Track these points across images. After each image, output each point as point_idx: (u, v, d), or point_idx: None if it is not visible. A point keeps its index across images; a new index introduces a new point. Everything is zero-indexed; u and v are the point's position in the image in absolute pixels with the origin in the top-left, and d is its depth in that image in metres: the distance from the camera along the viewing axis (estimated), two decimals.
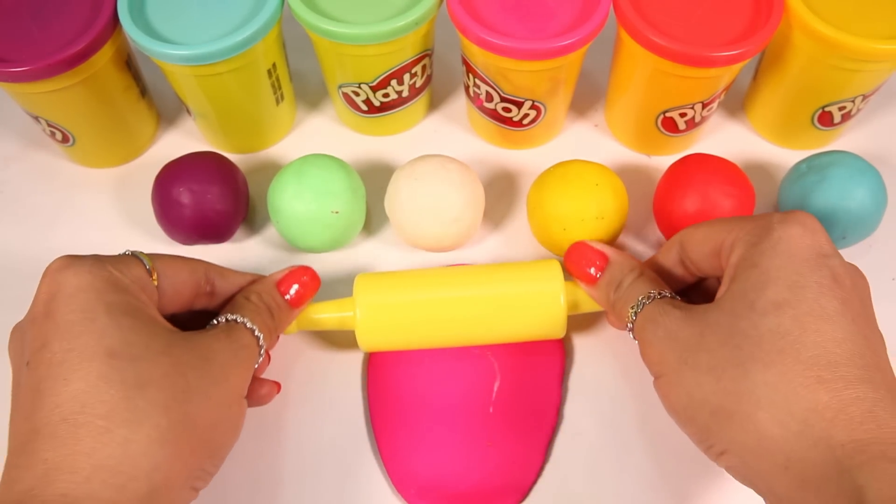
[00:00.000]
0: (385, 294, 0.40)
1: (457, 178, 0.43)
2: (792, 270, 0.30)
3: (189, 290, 0.36)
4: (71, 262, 0.32)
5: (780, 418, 0.28)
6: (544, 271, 0.40)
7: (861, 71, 0.43)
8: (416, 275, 0.42)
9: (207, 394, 0.31)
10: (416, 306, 0.40)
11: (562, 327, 0.40)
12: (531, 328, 0.40)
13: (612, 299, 0.37)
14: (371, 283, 0.41)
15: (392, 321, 0.40)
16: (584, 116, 0.53)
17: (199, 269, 0.37)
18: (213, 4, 0.44)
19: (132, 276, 0.33)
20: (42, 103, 0.44)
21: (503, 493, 0.39)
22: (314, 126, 0.53)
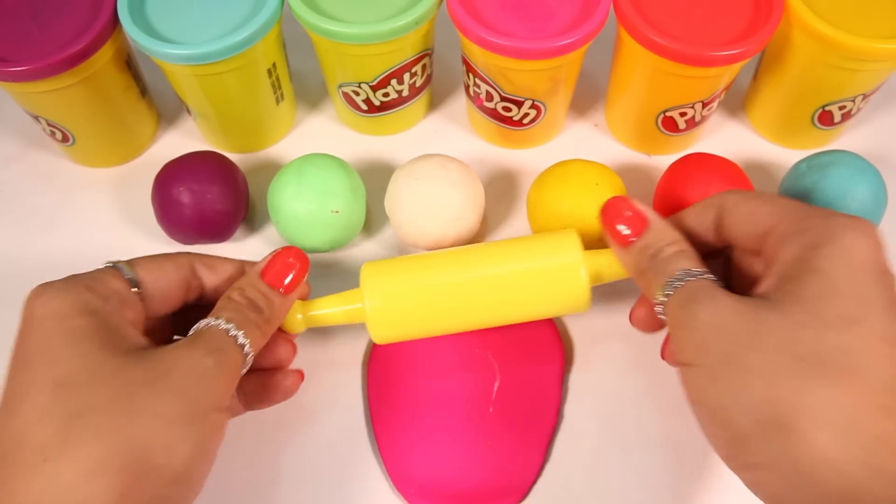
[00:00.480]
0: (395, 281, 0.38)
1: (457, 177, 0.43)
2: (859, 285, 0.28)
3: (177, 288, 0.35)
4: (42, 291, 0.31)
5: (842, 443, 0.26)
6: (562, 244, 0.38)
7: (861, 70, 0.43)
8: (425, 258, 0.39)
9: (158, 412, 0.28)
10: (428, 291, 0.38)
11: (585, 302, 0.38)
12: (552, 305, 0.38)
13: (644, 267, 0.34)
14: (379, 271, 0.38)
15: (405, 309, 0.38)
16: (584, 116, 0.53)
17: (184, 264, 0.35)
18: (213, 4, 0.44)
19: (108, 291, 0.32)
20: (42, 103, 0.44)
21: (503, 493, 0.39)
22: (314, 126, 0.53)
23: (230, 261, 0.37)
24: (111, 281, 0.32)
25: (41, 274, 0.47)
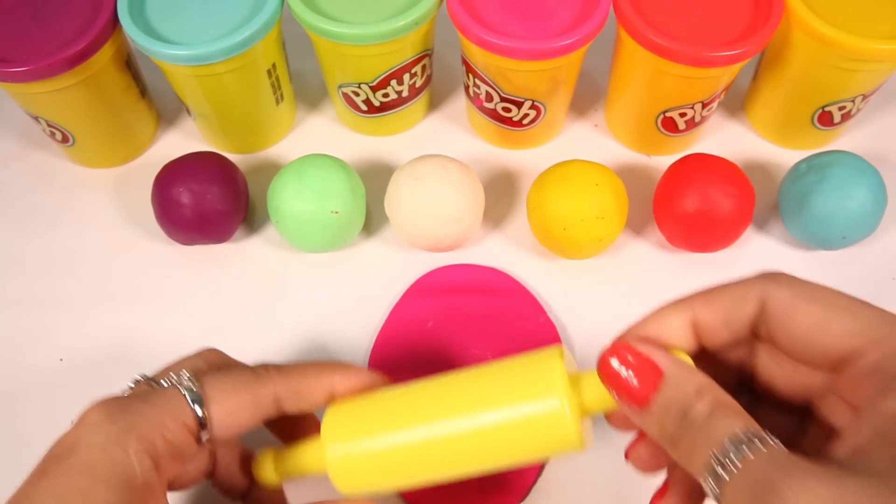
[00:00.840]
0: (357, 440, 0.32)
1: (457, 178, 0.43)
2: None
3: (250, 422, 0.31)
4: (98, 425, 0.28)
5: None
6: (541, 378, 0.30)
7: (861, 71, 0.43)
8: (390, 403, 0.33)
9: None
10: (393, 451, 0.32)
11: (576, 442, 0.29)
12: (537, 452, 0.31)
13: (674, 434, 0.24)
14: (340, 427, 0.33)
15: (369, 470, 0.33)
16: (584, 116, 0.53)
17: (266, 398, 0.31)
18: (213, 4, 0.44)
19: (167, 443, 0.28)
20: (42, 103, 0.44)
21: (503, 492, 0.39)
22: (314, 126, 0.53)
23: (322, 384, 0.33)
24: (176, 425, 0.29)
25: (41, 274, 0.47)
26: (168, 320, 0.45)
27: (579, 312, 0.45)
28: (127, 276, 0.47)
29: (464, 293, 0.45)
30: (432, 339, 0.43)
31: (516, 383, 0.30)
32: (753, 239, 0.47)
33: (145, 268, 0.47)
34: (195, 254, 0.47)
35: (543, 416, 0.29)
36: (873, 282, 0.46)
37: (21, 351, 0.44)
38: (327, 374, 0.33)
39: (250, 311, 0.45)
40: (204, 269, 0.47)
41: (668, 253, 0.47)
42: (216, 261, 0.47)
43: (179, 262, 0.47)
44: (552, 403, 0.29)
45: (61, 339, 0.45)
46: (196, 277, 0.47)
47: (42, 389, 0.43)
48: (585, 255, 0.45)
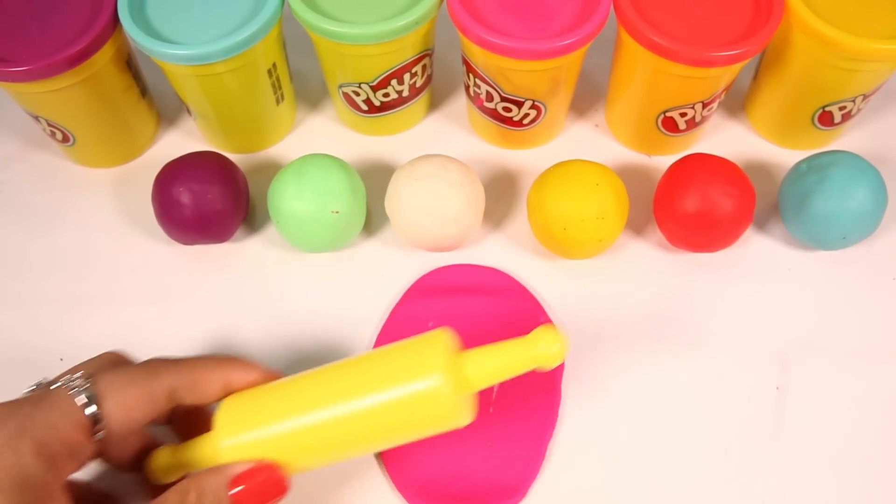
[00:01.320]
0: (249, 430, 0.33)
1: (457, 178, 0.43)
2: None
3: (146, 415, 0.31)
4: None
5: None
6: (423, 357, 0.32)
7: (861, 71, 0.43)
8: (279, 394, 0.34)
9: None
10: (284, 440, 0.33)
11: (458, 416, 0.31)
12: (422, 428, 0.33)
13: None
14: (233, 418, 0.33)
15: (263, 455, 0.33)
16: (584, 116, 0.53)
17: (160, 391, 0.31)
18: (213, 4, 0.44)
19: (59, 443, 0.28)
20: (42, 103, 0.44)
21: (503, 493, 0.39)
22: (314, 126, 0.53)
23: (217, 377, 0.33)
24: (68, 426, 0.29)
25: (41, 274, 0.47)
26: (168, 320, 0.45)
27: (579, 312, 0.45)
28: (127, 276, 0.47)
29: (464, 293, 0.45)
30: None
31: (402, 363, 0.32)
32: (754, 239, 0.47)
33: (145, 268, 0.47)
34: (195, 254, 0.47)
35: (425, 393, 0.31)
36: (873, 282, 0.46)
37: (21, 351, 0.44)
38: (223, 368, 0.33)
39: (250, 311, 0.45)
40: (204, 269, 0.47)
41: (668, 253, 0.47)
42: (216, 261, 0.47)
43: (179, 262, 0.47)
44: (432, 380, 0.30)
45: (61, 339, 0.45)
46: (196, 277, 0.47)
47: None
48: (585, 255, 0.45)
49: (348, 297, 0.46)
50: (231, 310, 0.45)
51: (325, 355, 0.44)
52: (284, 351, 0.44)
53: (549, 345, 0.31)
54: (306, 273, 0.47)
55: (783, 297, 0.45)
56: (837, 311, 0.45)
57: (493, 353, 0.32)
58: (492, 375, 0.32)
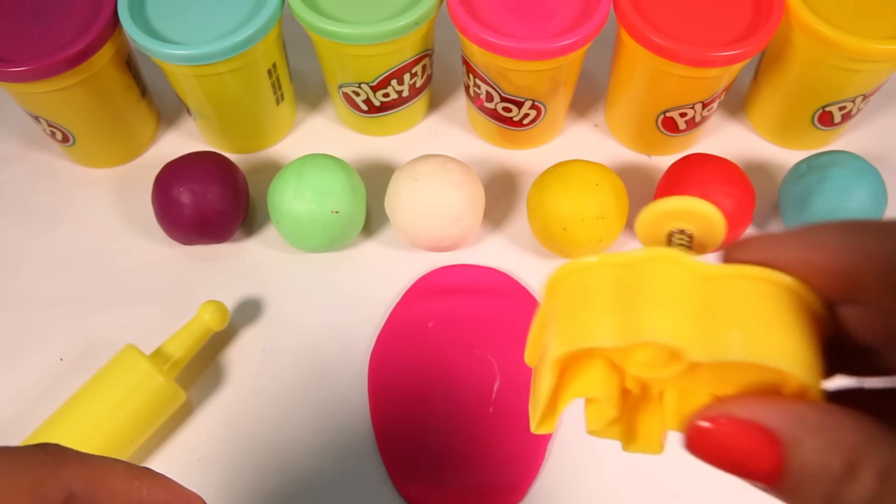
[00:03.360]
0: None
1: (457, 178, 0.43)
2: None
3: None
4: None
5: None
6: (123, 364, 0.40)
7: (861, 71, 0.43)
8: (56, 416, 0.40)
9: None
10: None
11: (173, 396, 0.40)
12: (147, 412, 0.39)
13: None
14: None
15: None
16: (584, 116, 0.53)
17: (53, 490, 0.21)
18: (213, 4, 0.44)
19: None
20: (42, 103, 0.44)
21: (503, 492, 0.39)
22: (314, 126, 0.53)
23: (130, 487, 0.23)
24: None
25: (41, 274, 0.47)
26: (168, 320, 0.45)
27: None
28: (127, 276, 0.47)
29: (464, 293, 0.45)
30: (432, 339, 0.43)
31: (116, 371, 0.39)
32: None
33: (145, 268, 0.47)
34: (195, 254, 0.47)
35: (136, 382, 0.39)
36: None
37: (21, 351, 0.44)
38: (140, 479, 0.24)
39: (250, 312, 0.45)
40: (204, 269, 0.47)
41: None
42: (216, 261, 0.47)
43: (179, 262, 0.47)
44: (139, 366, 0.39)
45: (61, 339, 0.45)
46: (196, 277, 0.47)
47: (42, 389, 0.43)
48: (585, 255, 0.45)
49: (348, 297, 0.46)
50: (231, 310, 0.45)
51: (326, 355, 0.44)
52: (284, 351, 0.44)
53: (210, 313, 0.41)
54: (306, 273, 0.47)
55: None
56: None
57: (177, 334, 0.41)
58: (183, 347, 0.40)
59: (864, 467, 0.15)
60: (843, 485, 0.15)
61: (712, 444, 0.17)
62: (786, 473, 0.16)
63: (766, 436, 0.16)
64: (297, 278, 0.46)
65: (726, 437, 0.17)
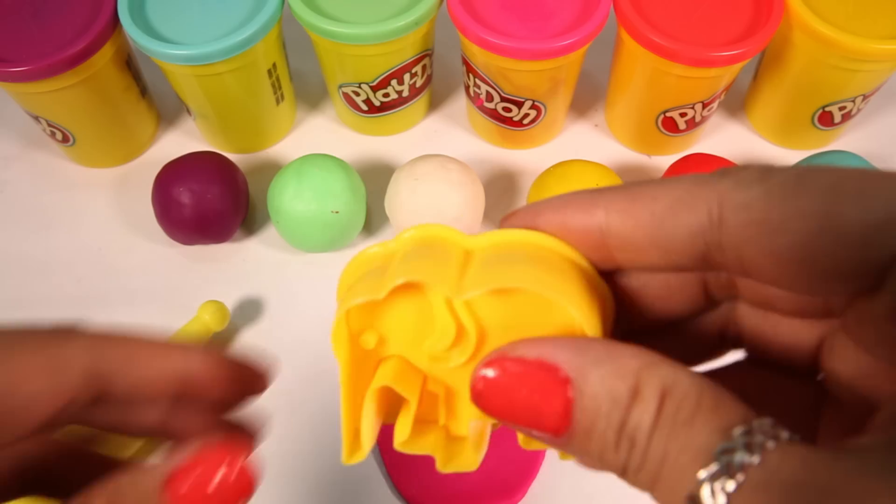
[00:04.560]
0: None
1: (457, 178, 0.43)
2: None
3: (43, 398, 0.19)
4: None
5: None
6: None
7: (861, 71, 0.43)
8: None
9: None
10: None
11: None
12: None
13: (618, 463, 0.17)
14: None
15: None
16: (584, 116, 0.53)
17: (73, 360, 0.19)
18: (213, 4, 0.44)
19: None
20: (42, 103, 0.44)
21: (503, 492, 0.39)
22: (314, 126, 0.53)
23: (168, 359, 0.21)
24: None
25: (41, 274, 0.47)
26: (168, 320, 0.45)
27: None
28: (127, 276, 0.47)
29: None
30: None
31: None
32: None
33: (145, 268, 0.47)
34: (195, 254, 0.47)
35: None
36: None
37: None
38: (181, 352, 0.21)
39: (250, 311, 0.45)
40: (204, 269, 0.47)
41: None
42: (216, 261, 0.47)
43: (179, 262, 0.47)
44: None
45: None
46: (196, 277, 0.47)
47: None
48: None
49: None
50: (231, 310, 0.45)
51: (326, 355, 0.44)
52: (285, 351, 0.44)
53: (210, 313, 0.40)
54: (306, 273, 0.47)
55: None
56: None
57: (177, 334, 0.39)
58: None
59: (647, 387, 0.15)
60: (629, 411, 0.15)
61: (501, 391, 0.17)
62: (575, 413, 0.16)
63: (553, 373, 0.16)
64: (297, 278, 0.46)
65: (514, 380, 0.16)
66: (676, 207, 0.17)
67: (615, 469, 0.17)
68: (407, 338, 0.20)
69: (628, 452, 0.16)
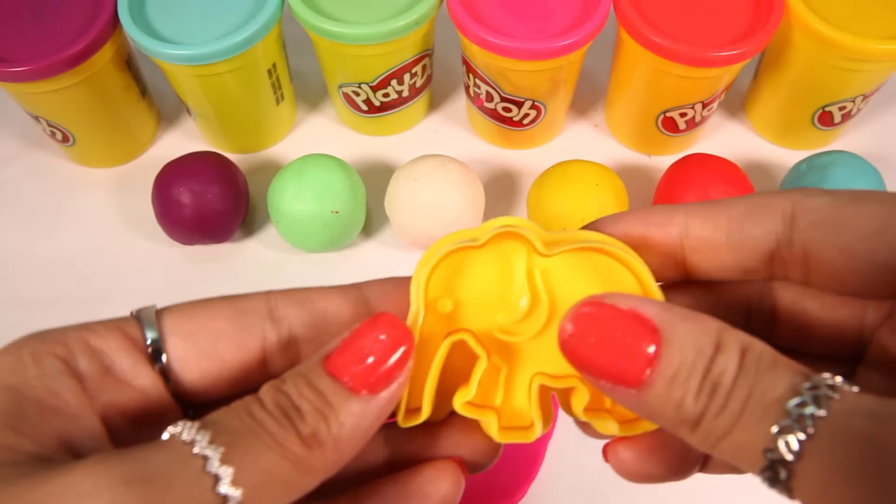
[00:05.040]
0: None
1: (457, 178, 0.43)
2: None
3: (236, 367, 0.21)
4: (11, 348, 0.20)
5: None
6: None
7: (861, 71, 0.43)
8: None
9: None
10: None
11: None
12: None
13: (695, 412, 0.17)
14: None
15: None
16: (584, 116, 0.53)
17: (256, 325, 0.21)
18: (213, 4, 0.44)
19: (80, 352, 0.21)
20: (42, 103, 0.44)
21: (503, 492, 0.39)
22: (314, 126, 0.53)
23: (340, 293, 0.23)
24: (112, 332, 0.22)
25: (41, 274, 0.47)
26: None
27: None
28: (127, 276, 0.47)
29: None
30: None
31: None
32: None
33: (145, 268, 0.47)
34: (195, 254, 0.47)
35: None
36: None
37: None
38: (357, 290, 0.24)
39: None
40: (204, 269, 0.47)
41: None
42: (216, 261, 0.47)
43: (179, 262, 0.47)
44: None
45: None
46: (196, 277, 0.47)
47: None
48: None
49: None
50: None
51: None
52: None
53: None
54: (306, 273, 0.47)
55: None
56: None
57: None
58: None
59: (729, 342, 0.17)
60: (714, 360, 0.17)
61: (595, 332, 0.18)
62: (662, 360, 0.17)
63: (644, 323, 0.17)
64: (297, 278, 0.46)
65: (608, 322, 0.18)
66: (753, 211, 0.19)
67: (687, 421, 0.17)
68: (481, 308, 0.21)
69: (709, 398, 0.17)
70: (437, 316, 0.21)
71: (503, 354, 0.21)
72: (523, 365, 0.22)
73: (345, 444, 0.18)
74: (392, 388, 0.19)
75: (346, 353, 0.19)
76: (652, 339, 0.17)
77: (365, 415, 0.18)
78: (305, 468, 0.18)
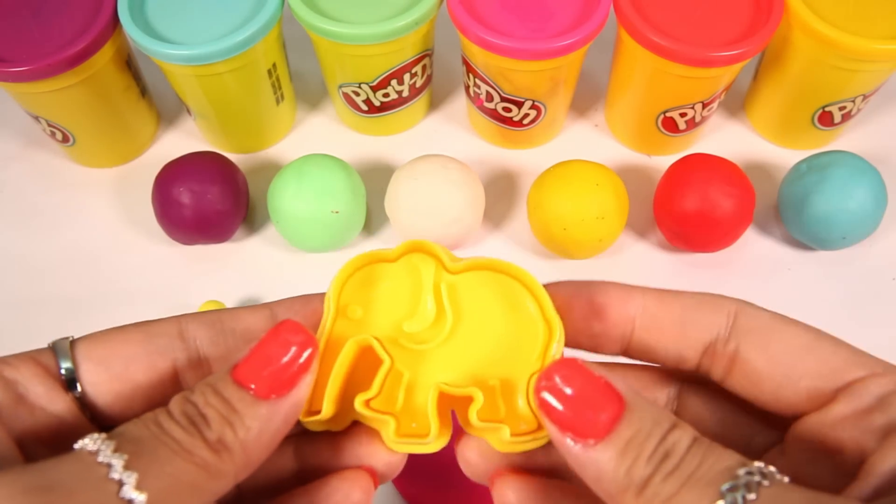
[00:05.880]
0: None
1: (457, 178, 0.43)
2: None
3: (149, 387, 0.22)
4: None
5: None
6: None
7: (861, 71, 0.43)
8: None
9: None
10: None
11: None
12: None
13: (642, 476, 0.18)
14: None
15: None
16: (584, 116, 0.53)
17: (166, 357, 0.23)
18: (213, 4, 0.44)
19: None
20: (42, 103, 0.44)
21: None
22: (314, 126, 0.53)
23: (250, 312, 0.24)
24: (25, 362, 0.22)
25: (41, 274, 0.47)
26: None
27: None
28: (127, 276, 0.47)
29: None
30: None
31: None
32: (753, 239, 0.47)
33: (145, 268, 0.47)
34: (195, 254, 0.47)
35: None
36: (873, 282, 0.46)
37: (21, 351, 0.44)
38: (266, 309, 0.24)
39: None
40: (204, 269, 0.47)
41: (668, 253, 0.47)
42: (216, 261, 0.47)
43: (179, 262, 0.47)
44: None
45: None
46: (196, 277, 0.47)
47: None
48: (586, 255, 0.45)
49: None
50: None
51: None
52: None
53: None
54: (306, 273, 0.47)
55: (783, 297, 0.45)
56: (837, 311, 0.45)
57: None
58: None
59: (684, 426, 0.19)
60: (669, 433, 0.19)
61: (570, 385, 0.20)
62: (623, 424, 0.19)
63: (612, 390, 0.19)
64: (297, 278, 0.46)
65: (583, 379, 0.20)
66: (705, 304, 0.22)
67: (637, 480, 0.18)
68: (390, 316, 0.23)
69: (659, 463, 0.18)
70: (348, 321, 0.23)
71: (408, 363, 0.23)
72: (426, 372, 0.23)
73: (252, 447, 0.19)
74: (298, 391, 0.20)
75: (252, 361, 0.20)
76: (618, 404, 0.19)
77: (271, 418, 0.20)
78: (214, 472, 0.18)
